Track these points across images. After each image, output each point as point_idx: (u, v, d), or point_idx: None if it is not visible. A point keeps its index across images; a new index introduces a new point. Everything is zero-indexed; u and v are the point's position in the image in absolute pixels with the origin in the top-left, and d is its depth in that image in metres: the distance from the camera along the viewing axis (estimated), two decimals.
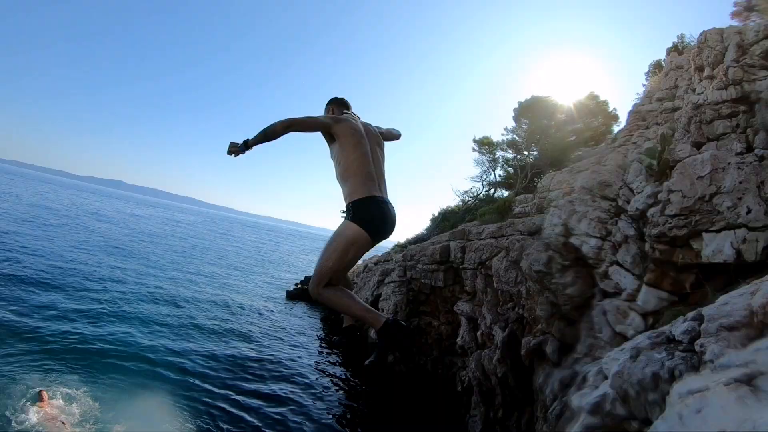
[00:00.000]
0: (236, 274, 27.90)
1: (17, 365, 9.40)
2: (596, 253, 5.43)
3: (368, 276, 16.35)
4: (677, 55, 9.16)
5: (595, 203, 5.56)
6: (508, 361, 6.87)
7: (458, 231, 10.31)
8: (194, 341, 13.45)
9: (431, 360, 10.81)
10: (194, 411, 9.15)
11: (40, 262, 18.87)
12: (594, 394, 4.13)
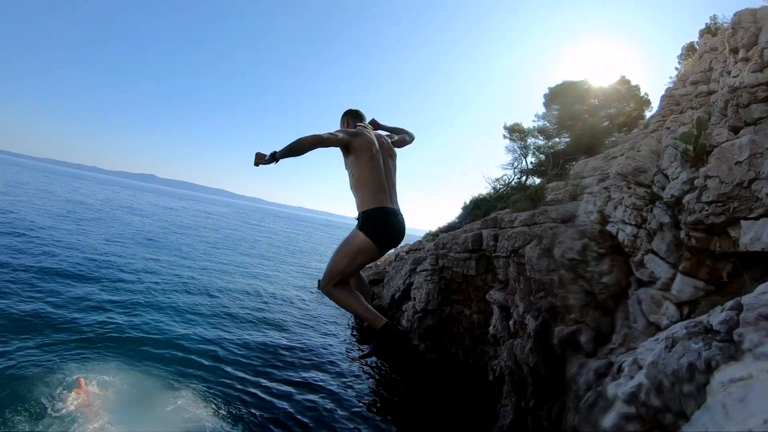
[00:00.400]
0: (268, 263, 28.63)
1: (55, 354, 9.93)
2: (632, 241, 5.36)
3: (400, 265, 16.59)
4: (711, 37, 8.82)
5: (630, 190, 5.47)
6: (540, 350, 6.90)
7: (490, 219, 10.32)
8: (227, 330, 13.97)
9: (463, 349, 10.88)
10: (226, 397, 9.53)
11: (75, 255, 19.79)
12: (629, 384, 4.16)
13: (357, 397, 10.26)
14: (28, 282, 14.37)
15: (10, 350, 9.57)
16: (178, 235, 35.13)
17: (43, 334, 10.72)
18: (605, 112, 15.46)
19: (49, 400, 8.00)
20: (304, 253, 39.12)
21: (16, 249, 18.43)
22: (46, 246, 20.22)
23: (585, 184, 7.18)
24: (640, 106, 15.81)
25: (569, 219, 7.24)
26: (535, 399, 7.02)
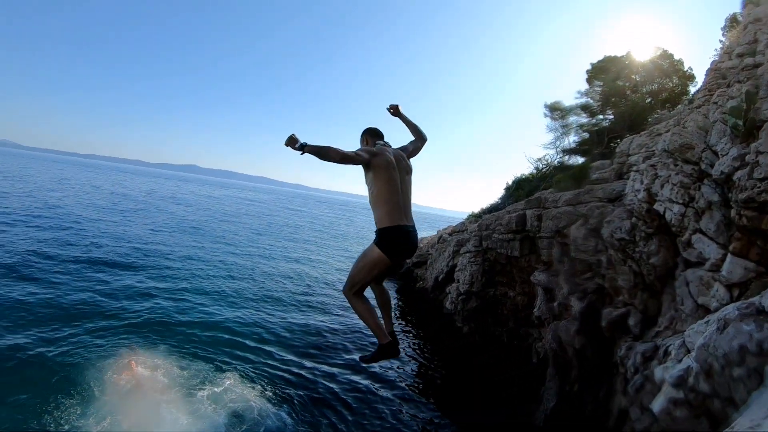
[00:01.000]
0: (310, 248, 29.42)
1: (105, 340, 10.61)
2: (679, 221, 5.26)
3: (443, 247, 16.80)
4: (754, 7, 8.34)
5: (678, 167, 5.32)
6: (586, 332, 6.90)
7: (534, 199, 10.27)
8: (271, 313, 14.58)
9: (507, 331, 10.97)
10: (272, 378, 9.98)
11: (121, 245, 21.01)
12: (678, 368, 4.21)
13: (399, 378, 10.57)
14: (77, 272, 15.38)
15: (63, 336, 10.34)
16: (221, 222, 36.46)
17: (94, 321, 11.50)
18: (648, 88, 15.13)
19: (101, 382, 8.58)
20: (346, 237, 39.70)
21: (65, 242, 19.68)
22: (93, 237, 21.54)
23: (631, 161, 7.05)
24: (683, 81, 15.56)
25: (616, 198, 7.18)
26: (580, 382, 7.05)
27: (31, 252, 16.76)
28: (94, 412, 7.65)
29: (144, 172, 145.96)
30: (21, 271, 14.25)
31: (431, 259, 17.70)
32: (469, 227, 14.81)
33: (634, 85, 15.38)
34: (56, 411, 7.55)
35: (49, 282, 13.82)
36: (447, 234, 16.44)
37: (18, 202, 29.22)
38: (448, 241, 16.04)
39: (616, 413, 5.55)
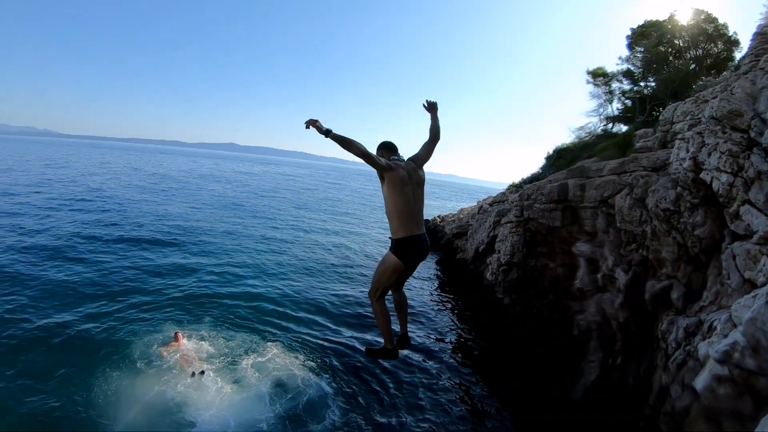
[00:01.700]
0: (350, 221, 29.90)
1: (152, 314, 11.17)
2: (727, 191, 5.07)
3: (483, 217, 16.77)
4: None
5: (726, 135, 5.09)
6: (630, 305, 6.89)
7: (576, 168, 10.03)
8: (312, 284, 15.07)
9: (547, 303, 10.91)
10: (314, 347, 10.34)
11: (163, 224, 21.96)
12: (723, 343, 4.19)
13: (439, 348, 10.81)
14: (121, 251, 16.25)
15: (109, 312, 10.93)
16: (261, 198, 37.39)
17: (139, 297, 12.10)
18: (692, 53, 14.42)
19: (147, 354, 9.05)
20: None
21: (108, 222, 20.80)
22: (135, 217, 22.64)
23: (676, 129, 6.81)
24: (728, 47, 14.90)
25: (661, 167, 6.98)
26: (623, 356, 7.05)
27: (76, 234, 17.77)
28: (141, 382, 8.09)
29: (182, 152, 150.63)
30: (67, 253, 15.13)
31: (471, 229, 17.73)
32: (509, 197, 14.72)
33: (677, 51, 14.81)
34: (104, 383, 7.98)
35: (94, 262, 14.64)
36: (487, 204, 16.40)
37: (62, 187, 30.79)
38: (488, 212, 16.02)
39: (657, 390, 5.55)
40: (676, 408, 4.69)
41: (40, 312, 10.49)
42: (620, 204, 7.81)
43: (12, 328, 9.56)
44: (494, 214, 15.25)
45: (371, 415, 7.90)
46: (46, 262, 14.08)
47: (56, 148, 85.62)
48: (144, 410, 7.37)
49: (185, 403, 7.67)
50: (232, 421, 7.35)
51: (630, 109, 13.29)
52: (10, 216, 19.95)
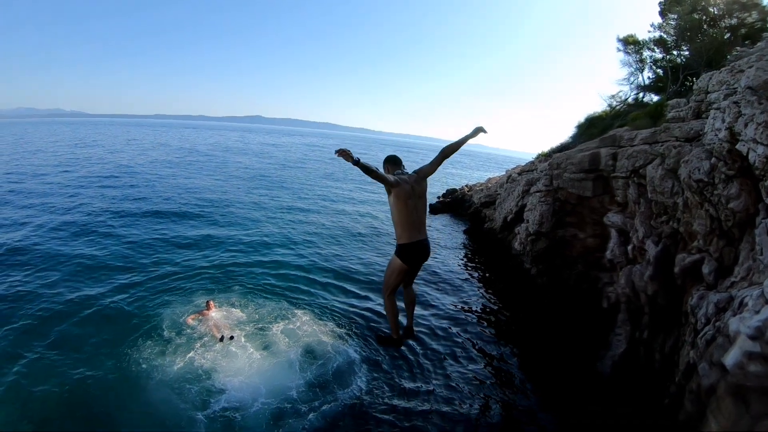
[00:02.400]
0: (377, 190, 29.53)
1: (185, 283, 11.51)
2: (763, 163, 4.88)
3: (512, 186, 16.65)
4: None
5: (762, 105, 4.88)
6: (660, 278, 6.81)
7: (608, 137, 9.80)
8: (339, 253, 15.32)
9: (575, 274, 10.91)
10: (343, 314, 10.54)
11: (192, 197, 22.48)
12: (755, 319, 4.16)
13: (466, 317, 10.94)
14: (150, 225, 16.72)
15: (141, 282, 11.36)
16: (287, 169, 37.74)
17: (170, 268, 12.47)
18: (726, 22, 13.70)
19: (179, 323, 9.33)
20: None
21: (138, 198, 21.38)
22: (163, 192, 23.15)
23: (710, 99, 6.57)
24: (763, 17, 14.13)
25: (694, 138, 6.79)
26: (651, 330, 7.03)
27: (106, 210, 18.37)
28: (171, 350, 8.35)
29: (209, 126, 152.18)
30: (97, 228, 15.70)
31: (500, 199, 17.66)
32: (538, 166, 14.55)
33: (712, 19, 14.14)
34: (135, 352, 8.25)
35: (124, 236, 15.15)
36: (516, 173, 16.24)
37: (91, 165, 31.66)
38: (517, 181, 15.90)
39: (683, 367, 5.54)
40: (703, 386, 4.69)
41: (71, 286, 10.93)
42: (651, 174, 7.68)
43: (45, 302, 9.96)
44: (523, 183, 15.14)
45: (398, 382, 8.08)
46: (77, 238, 14.63)
47: (84, 128, 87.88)
48: (174, 378, 7.57)
49: (215, 370, 7.87)
50: (262, 387, 7.50)
51: (662, 79, 12.77)
52: (42, 195, 20.70)
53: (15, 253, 12.87)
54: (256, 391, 7.39)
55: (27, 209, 18.11)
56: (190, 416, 6.71)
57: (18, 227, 15.50)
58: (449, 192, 25.53)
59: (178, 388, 7.32)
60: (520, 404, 7.82)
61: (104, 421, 6.64)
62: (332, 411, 7.14)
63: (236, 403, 7.10)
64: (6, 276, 11.27)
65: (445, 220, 22.60)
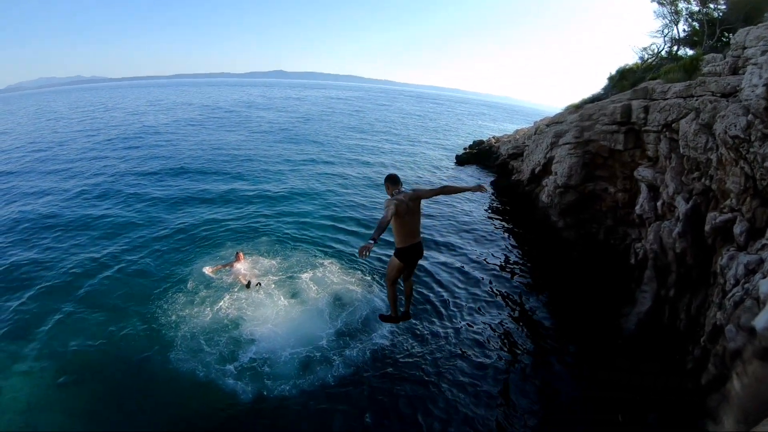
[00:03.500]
0: (404, 142, 29.65)
1: (213, 236, 11.82)
2: None
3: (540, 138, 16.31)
4: None
5: None
6: (689, 236, 6.74)
7: (641, 89, 9.41)
8: (367, 204, 15.50)
9: (604, 228, 10.83)
10: (368, 263, 10.68)
11: (217, 154, 22.62)
12: None
13: (492, 269, 11.00)
14: (177, 183, 17.02)
15: (169, 234, 11.77)
16: (312, 122, 37.40)
17: (199, 223, 12.78)
18: None
19: (208, 274, 9.51)
20: (438, 130, 38.55)
21: (163, 157, 21.62)
22: (188, 150, 23.32)
23: (747, 55, 6.26)
24: None
25: (731, 93, 6.53)
26: (677, 288, 6.99)
27: (131, 171, 18.76)
28: (200, 302, 8.54)
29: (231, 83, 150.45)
30: (123, 189, 16.06)
31: (527, 150, 17.38)
32: (568, 118, 14.19)
33: None
34: (164, 305, 8.47)
35: (149, 194, 15.52)
36: (544, 125, 15.90)
37: (114, 129, 31.93)
38: (545, 133, 15.57)
39: (709, 329, 5.50)
40: (729, 349, 4.67)
41: (100, 244, 11.37)
42: (685, 129, 7.48)
43: (75, 262, 10.38)
44: (551, 134, 14.83)
45: (424, 330, 8.29)
46: (103, 199, 15.09)
47: (105, 93, 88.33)
48: (203, 328, 7.75)
49: (244, 319, 8.05)
50: (292, 336, 7.62)
51: (697, 32, 11.93)
52: (67, 161, 21.19)
53: (44, 218, 13.30)
54: (285, 340, 7.53)
55: (53, 175, 18.58)
56: (219, 367, 6.90)
57: (46, 193, 15.92)
58: (476, 143, 25.21)
59: (207, 339, 7.51)
60: (546, 354, 7.97)
61: (134, 373, 6.92)
62: (360, 359, 7.33)
63: (265, 353, 7.25)
64: (37, 239, 11.74)
65: (472, 171, 22.45)
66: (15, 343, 7.60)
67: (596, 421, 6.36)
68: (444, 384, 7.01)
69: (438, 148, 28.58)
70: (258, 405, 6.35)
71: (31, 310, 8.56)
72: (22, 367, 7.05)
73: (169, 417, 6.21)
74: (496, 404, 6.69)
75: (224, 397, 6.44)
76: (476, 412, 6.48)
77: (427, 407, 6.54)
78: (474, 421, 6.31)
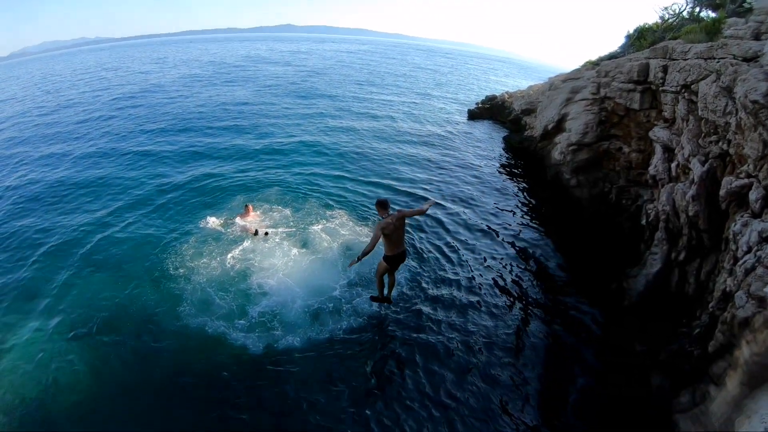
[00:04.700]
0: (414, 96, 29.08)
1: (225, 191, 11.90)
2: None
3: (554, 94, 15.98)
4: None
5: None
6: (702, 199, 6.71)
7: (660, 48, 9.12)
8: (375, 157, 15.46)
9: (616, 188, 10.78)
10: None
11: (226, 109, 22.51)
12: None
13: (500, 225, 11.05)
14: (185, 140, 16.98)
15: (179, 191, 11.80)
16: (321, 76, 36.63)
17: (208, 178, 12.84)
18: None
19: (221, 223, 9.69)
20: (450, 84, 37.79)
21: (170, 114, 21.52)
22: (196, 107, 23.15)
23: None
24: None
25: (752, 58, 6.34)
26: (687, 252, 7.01)
27: (139, 130, 18.69)
28: (208, 254, 8.67)
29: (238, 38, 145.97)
30: (132, 149, 16.07)
31: (541, 106, 17.10)
32: (584, 74, 13.87)
33: None
34: (174, 258, 8.61)
35: (157, 152, 15.58)
36: (560, 81, 15.58)
37: (122, 87, 31.52)
38: (560, 89, 15.26)
39: (718, 296, 5.51)
40: (737, 317, 4.68)
41: (108, 203, 11.51)
42: (704, 90, 7.34)
43: (81, 220, 10.54)
44: (567, 90, 14.56)
45: (436, 278, 8.51)
46: (112, 160, 15.15)
47: (109, 53, 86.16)
48: (213, 282, 7.82)
49: (255, 271, 8.11)
50: (304, 287, 7.64)
51: None
52: (75, 123, 21.15)
53: (52, 180, 13.39)
54: (297, 291, 7.57)
55: (60, 138, 18.62)
56: (229, 321, 6.99)
57: (52, 156, 15.98)
58: (489, 98, 24.74)
59: (217, 292, 7.59)
60: (556, 308, 8.12)
61: (143, 328, 7.04)
62: (372, 309, 7.47)
63: (275, 306, 7.32)
64: (44, 201, 11.92)
65: (485, 127, 22.16)
66: (25, 301, 7.82)
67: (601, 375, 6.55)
68: (454, 334, 7.17)
69: (450, 102, 28.03)
70: (268, 357, 6.48)
71: (40, 269, 8.75)
72: (34, 324, 7.23)
73: (178, 368, 6.37)
74: (506, 357, 6.85)
75: (234, 349, 6.56)
76: (487, 365, 6.65)
77: (439, 357, 6.71)
78: (484, 375, 6.47)
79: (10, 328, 7.19)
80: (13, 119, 23.60)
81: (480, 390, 6.20)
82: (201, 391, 6.03)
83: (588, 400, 6.14)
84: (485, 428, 5.63)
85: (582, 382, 6.47)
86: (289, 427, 5.62)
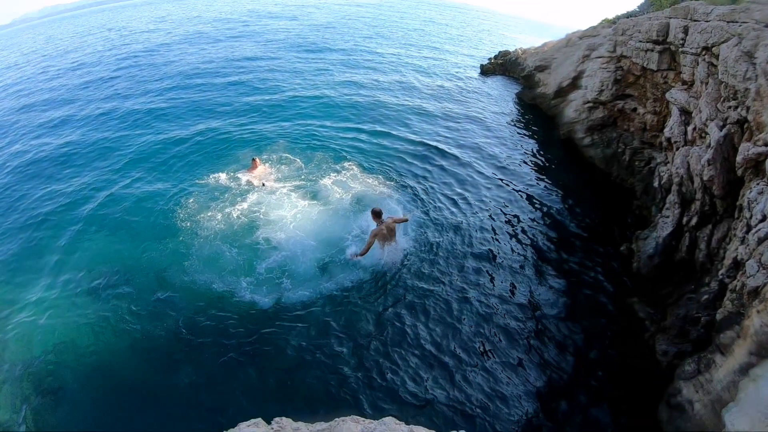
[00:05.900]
0: (426, 50, 28.23)
1: (232, 144, 11.89)
2: None
3: (571, 51, 15.59)
4: None
5: None
6: (718, 164, 6.64)
7: (681, 8, 8.84)
8: (385, 112, 15.25)
9: (630, 149, 10.68)
10: (389, 168, 10.70)
11: (233, 65, 21.94)
12: None
13: (510, 179, 10.98)
14: (192, 96, 16.76)
15: (185, 145, 11.86)
16: (329, 30, 35.30)
17: (214, 132, 12.84)
18: None
19: (227, 178, 9.72)
20: (463, 39, 36.05)
21: (177, 73, 21.09)
22: (202, 64, 22.62)
23: None
24: None
25: None
26: (700, 217, 6.99)
27: (145, 91, 18.34)
28: (215, 207, 8.73)
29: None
30: (140, 108, 15.87)
31: (555, 63, 16.70)
32: (601, 32, 13.52)
33: None
34: (181, 211, 8.68)
35: (165, 110, 15.49)
36: (577, 38, 15.18)
37: (126, 48, 30.62)
38: (577, 45, 14.90)
39: (729, 264, 5.51)
40: (748, 286, 4.69)
41: (115, 162, 11.58)
42: (726, 54, 7.20)
43: (88, 181, 10.63)
44: (584, 47, 14.23)
45: (444, 229, 8.64)
46: (120, 121, 15.08)
47: (112, 14, 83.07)
48: (223, 236, 7.89)
49: (263, 225, 8.15)
50: (315, 239, 7.73)
51: None
52: (81, 88, 20.76)
53: (63, 147, 13.35)
54: (306, 244, 7.63)
55: (65, 101, 18.45)
56: (238, 276, 7.05)
57: (63, 124, 15.84)
58: (502, 54, 24.06)
59: (228, 246, 7.63)
60: (563, 263, 8.20)
61: (151, 284, 7.16)
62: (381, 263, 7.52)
63: (283, 260, 7.35)
64: (51, 166, 11.96)
65: (497, 82, 21.61)
66: (36, 259, 8.03)
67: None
68: (463, 286, 7.29)
69: (462, 57, 27.24)
70: (276, 310, 6.63)
71: (49, 228, 8.95)
72: (45, 281, 7.44)
73: (187, 322, 6.52)
74: (511, 315, 6.94)
75: (244, 304, 6.69)
76: (491, 322, 6.77)
77: (446, 310, 6.83)
78: (488, 331, 6.61)
79: (23, 287, 7.41)
80: (18, 85, 23.44)
81: (483, 345, 6.35)
82: (209, 345, 6.19)
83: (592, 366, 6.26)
84: (485, 383, 5.78)
85: (585, 346, 6.57)
86: (294, 377, 5.79)
